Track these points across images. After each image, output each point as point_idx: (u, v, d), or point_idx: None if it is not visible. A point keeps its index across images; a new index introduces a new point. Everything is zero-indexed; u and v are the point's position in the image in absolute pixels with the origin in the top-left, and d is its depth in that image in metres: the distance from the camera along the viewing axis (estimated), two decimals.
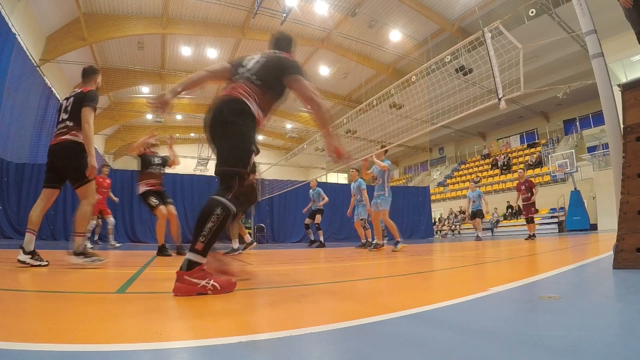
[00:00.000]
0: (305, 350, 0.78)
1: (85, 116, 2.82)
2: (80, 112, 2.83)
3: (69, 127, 2.85)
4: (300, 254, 5.15)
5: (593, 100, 15.81)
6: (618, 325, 0.96)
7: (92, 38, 13.79)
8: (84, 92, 2.93)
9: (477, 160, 24.59)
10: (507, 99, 3.92)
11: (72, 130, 2.84)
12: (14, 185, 9.15)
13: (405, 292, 1.68)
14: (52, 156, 2.87)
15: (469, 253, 4.56)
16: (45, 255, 2.87)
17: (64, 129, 2.86)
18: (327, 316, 1.14)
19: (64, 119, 2.88)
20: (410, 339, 0.83)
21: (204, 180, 12.05)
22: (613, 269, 1.96)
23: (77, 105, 2.88)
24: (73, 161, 2.82)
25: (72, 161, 2.82)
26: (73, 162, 2.82)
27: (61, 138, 2.83)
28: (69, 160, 2.82)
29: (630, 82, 2.12)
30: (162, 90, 22.28)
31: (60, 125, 2.90)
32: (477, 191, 10.35)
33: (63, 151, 2.82)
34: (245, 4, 14.06)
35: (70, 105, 2.90)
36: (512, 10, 5.92)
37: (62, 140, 2.82)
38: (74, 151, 2.81)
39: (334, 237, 13.16)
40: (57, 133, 2.89)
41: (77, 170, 2.82)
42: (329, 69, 19.26)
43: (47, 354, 0.72)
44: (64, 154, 2.82)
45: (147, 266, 2.89)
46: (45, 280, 2.01)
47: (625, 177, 1.98)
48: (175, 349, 0.78)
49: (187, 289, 1.49)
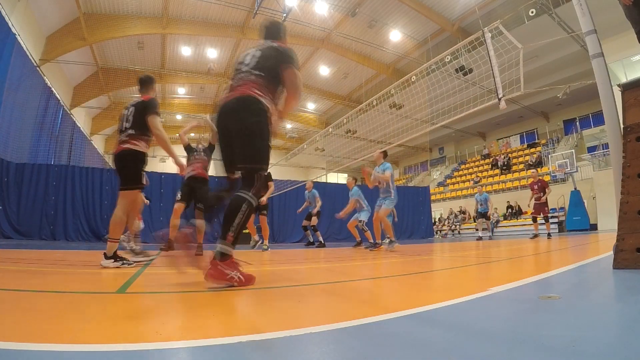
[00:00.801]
0: (305, 350, 0.78)
1: (154, 124, 2.99)
2: (141, 120, 2.98)
3: (130, 135, 2.98)
4: (300, 254, 5.15)
5: (593, 100, 15.82)
6: (618, 325, 0.96)
7: (92, 38, 13.79)
8: (145, 101, 3.05)
9: (477, 160, 24.58)
10: (507, 99, 3.92)
11: (132, 139, 2.97)
12: (14, 185, 9.14)
13: (405, 292, 1.68)
14: (115, 163, 3.03)
15: (469, 253, 4.56)
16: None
17: (125, 137, 2.99)
18: (327, 316, 1.14)
19: (126, 127, 3.01)
20: (410, 339, 0.83)
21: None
22: (613, 269, 1.96)
23: (139, 113, 3.00)
24: (128, 167, 2.97)
25: (127, 166, 2.98)
26: (128, 168, 2.98)
27: (121, 147, 2.98)
28: (123, 165, 2.98)
29: (630, 82, 2.12)
30: (162, 91, 22.17)
31: (122, 134, 3.03)
32: (484, 195, 10.54)
33: (121, 159, 2.98)
34: (245, 4, 14.06)
35: (131, 114, 3.03)
36: (512, 10, 5.92)
37: (121, 149, 2.97)
38: (132, 158, 2.96)
39: (333, 237, 13.15)
40: (119, 141, 3.03)
41: (128, 175, 2.97)
42: (329, 69, 19.25)
43: (47, 354, 0.72)
44: (121, 162, 2.98)
45: (147, 266, 2.89)
46: (46, 280, 2.01)
47: (625, 177, 1.98)
48: (175, 349, 0.78)
49: (219, 275, 1.68)
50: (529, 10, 5.77)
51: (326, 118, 24.28)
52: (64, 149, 12.39)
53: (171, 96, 21.26)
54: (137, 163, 2.98)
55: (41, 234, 9.26)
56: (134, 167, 2.97)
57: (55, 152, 11.69)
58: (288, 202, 12.59)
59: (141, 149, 2.99)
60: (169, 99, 21.31)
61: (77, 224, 9.89)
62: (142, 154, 3.00)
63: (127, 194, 2.96)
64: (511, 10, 6.33)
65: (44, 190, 9.56)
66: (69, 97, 16.39)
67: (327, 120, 24.06)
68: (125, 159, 2.96)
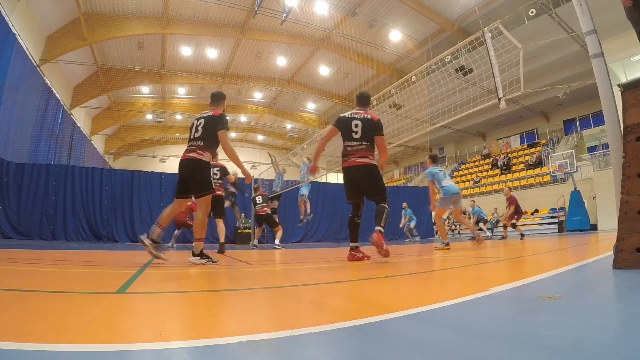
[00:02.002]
0: (305, 350, 0.78)
1: (223, 139, 3.25)
2: (211, 134, 3.23)
3: (198, 146, 3.23)
4: (300, 254, 5.15)
5: (593, 100, 15.83)
6: (618, 325, 0.96)
7: (92, 38, 13.79)
8: (215, 116, 3.27)
9: (477, 160, 24.58)
10: (507, 99, 3.92)
11: (199, 150, 3.22)
12: (14, 185, 9.14)
13: (405, 292, 1.68)
14: (182, 169, 3.24)
15: (469, 253, 4.56)
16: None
17: (192, 146, 3.25)
18: (327, 316, 1.14)
19: (195, 137, 3.26)
20: (410, 339, 0.83)
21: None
22: (613, 269, 1.96)
23: (208, 127, 3.24)
24: (197, 175, 3.22)
25: (196, 176, 3.22)
26: (197, 177, 3.22)
27: (189, 155, 3.23)
28: (194, 175, 3.23)
29: (630, 82, 2.12)
30: (162, 91, 22.17)
31: (191, 143, 3.28)
32: (476, 208, 11.87)
33: (189, 167, 3.22)
34: (245, 4, 14.05)
35: (200, 125, 3.27)
36: (512, 10, 5.91)
37: (189, 157, 3.22)
38: (200, 167, 3.22)
39: (333, 237, 13.16)
40: (187, 149, 3.28)
41: (199, 183, 3.22)
42: (329, 69, 19.25)
43: (47, 354, 0.72)
44: (189, 170, 3.23)
45: (147, 266, 2.89)
46: (46, 280, 2.01)
47: (625, 177, 1.98)
48: (175, 349, 0.78)
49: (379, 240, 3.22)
50: (529, 10, 5.77)
51: (326, 118, 24.27)
52: (64, 149, 12.40)
53: (171, 96, 21.27)
54: (205, 171, 3.25)
55: (41, 234, 9.26)
56: (204, 175, 3.24)
57: (55, 152, 11.70)
58: (288, 202, 12.58)
59: (206, 159, 3.22)
60: (169, 99, 21.32)
61: (77, 224, 9.89)
62: (206, 164, 3.24)
63: (203, 199, 3.22)
64: (511, 10, 6.33)
65: (44, 190, 9.56)
66: (69, 97, 16.39)
67: (327, 120, 24.06)
68: (194, 168, 3.20)
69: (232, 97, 21.63)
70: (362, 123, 3.37)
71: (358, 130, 3.36)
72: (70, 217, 9.80)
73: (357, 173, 3.40)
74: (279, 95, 22.04)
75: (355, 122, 3.40)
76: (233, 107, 22.45)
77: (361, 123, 3.37)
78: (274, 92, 21.55)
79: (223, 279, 2.29)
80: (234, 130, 27.19)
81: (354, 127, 3.38)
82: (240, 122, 25.33)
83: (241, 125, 26.00)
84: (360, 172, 3.39)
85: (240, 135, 28.91)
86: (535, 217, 16.66)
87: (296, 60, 18.60)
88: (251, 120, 25.50)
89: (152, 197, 11.01)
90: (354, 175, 3.43)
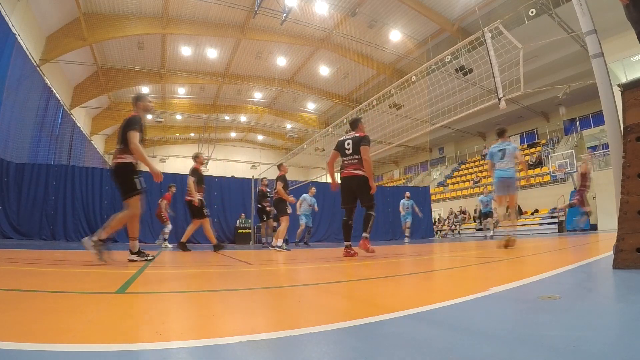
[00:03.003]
0: (305, 350, 0.78)
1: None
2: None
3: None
4: (299, 254, 5.15)
5: (593, 100, 15.83)
6: (618, 325, 0.96)
7: (92, 38, 13.79)
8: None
9: (477, 160, 24.57)
10: (507, 99, 3.93)
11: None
12: (14, 185, 9.14)
13: (405, 292, 1.68)
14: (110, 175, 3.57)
15: (469, 253, 4.56)
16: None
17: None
18: (327, 316, 1.14)
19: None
20: (410, 339, 0.83)
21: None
22: (613, 269, 1.96)
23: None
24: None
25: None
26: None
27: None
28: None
29: (630, 82, 2.11)
30: (162, 91, 22.12)
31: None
32: (490, 196, 11.46)
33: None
34: (245, 4, 14.06)
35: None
36: (512, 10, 5.92)
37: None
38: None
39: (333, 237, 13.17)
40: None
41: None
42: (329, 69, 19.25)
43: (47, 354, 0.72)
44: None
45: (147, 266, 2.89)
46: (46, 280, 2.01)
47: (625, 177, 1.98)
48: (175, 349, 0.78)
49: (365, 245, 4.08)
50: (529, 10, 5.77)
51: (326, 118, 24.28)
52: (64, 149, 12.39)
53: (171, 96, 21.26)
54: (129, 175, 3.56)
55: (41, 234, 9.26)
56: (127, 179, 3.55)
57: (55, 152, 11.69)
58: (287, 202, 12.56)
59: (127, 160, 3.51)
60: (169, 99, 21.31)
61: (77, 224, 9.88)
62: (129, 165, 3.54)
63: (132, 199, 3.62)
64: (511, 10, 6.33)
65: (44, 190, 9.56)
66: (69, 97, 16.39)
67: (327, 120, 24.07)
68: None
69: (232, 97, 21.64)
70: (352, 141, 4.21)
71: (349, 147, 4.20)
72: (70, 217, 9.79)
73: (352, 182, 4.17)
74: (279, 95, 22.04)
75: (347, 142, 4.25)
76: (233, 107, 22.46)
77: (352, 141, 4.21)
78: (274, 92, 21.55)
79: (223, 279, 2.29)
80: (233, 130, 27.21)
81: (346, 145, 4.24)
82: (240, 122, 25.34)
83: (241, 125, 26.01)
84: (354, 181, 4.16)
85: (240, 135, 28.93)
86: (535, 217, 16.67)
87: (296, 60, 18.61)
88: (251, 120, 25.50)
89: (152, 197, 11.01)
90: (348, 184, 4.20)
